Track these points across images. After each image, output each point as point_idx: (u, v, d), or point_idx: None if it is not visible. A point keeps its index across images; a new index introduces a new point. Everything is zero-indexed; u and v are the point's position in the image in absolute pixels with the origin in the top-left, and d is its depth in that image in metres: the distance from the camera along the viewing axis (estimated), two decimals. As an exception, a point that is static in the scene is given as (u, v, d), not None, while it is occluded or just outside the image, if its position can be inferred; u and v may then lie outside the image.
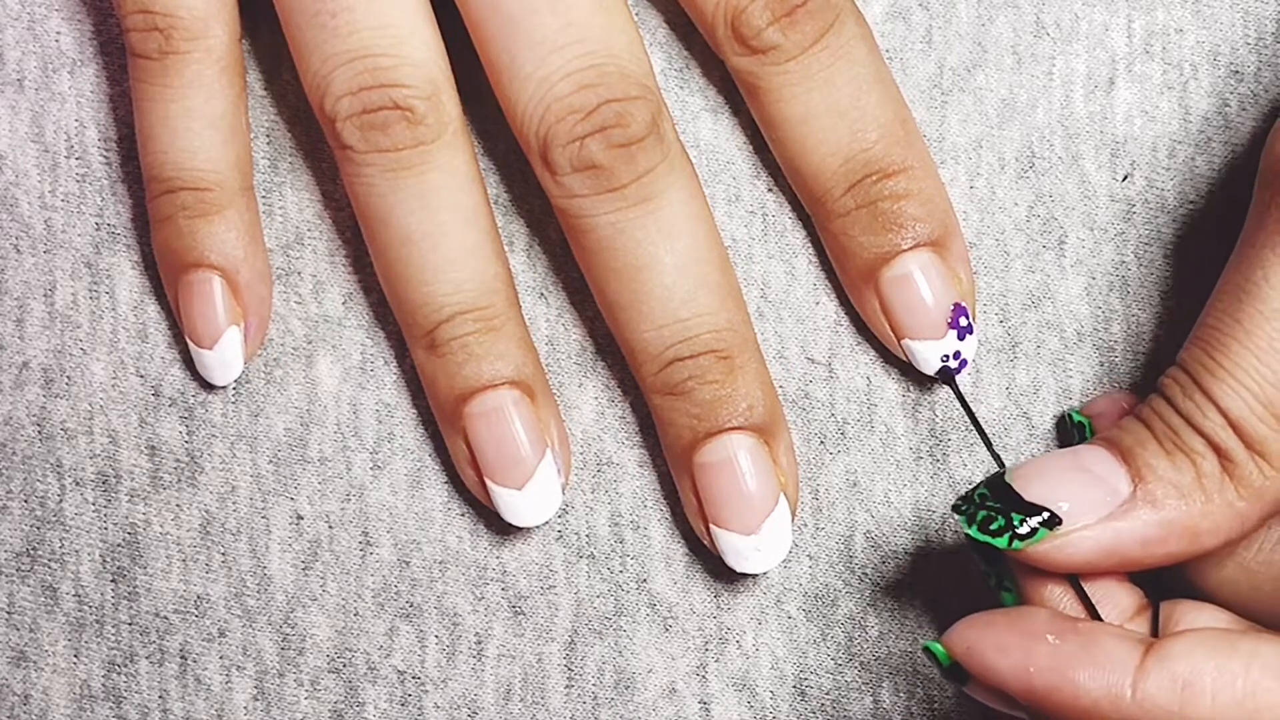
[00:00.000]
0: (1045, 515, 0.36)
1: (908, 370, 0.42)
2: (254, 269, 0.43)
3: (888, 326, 0.41)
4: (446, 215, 0.40)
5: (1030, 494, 0.37)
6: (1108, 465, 0.37)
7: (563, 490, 0.42)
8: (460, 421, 0.41)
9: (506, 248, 0.43)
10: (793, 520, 0.41)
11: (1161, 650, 0.34)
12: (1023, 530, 0.36)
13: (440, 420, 0.42)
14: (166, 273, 0.43)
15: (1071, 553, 0.36)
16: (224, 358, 0.43)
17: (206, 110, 0.41)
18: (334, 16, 0.40)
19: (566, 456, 0.42)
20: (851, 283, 0.42)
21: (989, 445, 0.39)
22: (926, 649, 0.36)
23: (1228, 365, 0.36)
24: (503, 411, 0.41)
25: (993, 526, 0.36)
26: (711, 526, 0.41)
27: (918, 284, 0.41)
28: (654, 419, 0.42)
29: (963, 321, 0.41)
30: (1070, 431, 0.42)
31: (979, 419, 0.41)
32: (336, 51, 0.40)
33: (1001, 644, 0.35)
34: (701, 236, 0.40)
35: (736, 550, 0.41)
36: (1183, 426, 0.36)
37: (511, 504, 0.41)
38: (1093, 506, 0.36)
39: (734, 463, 0.41)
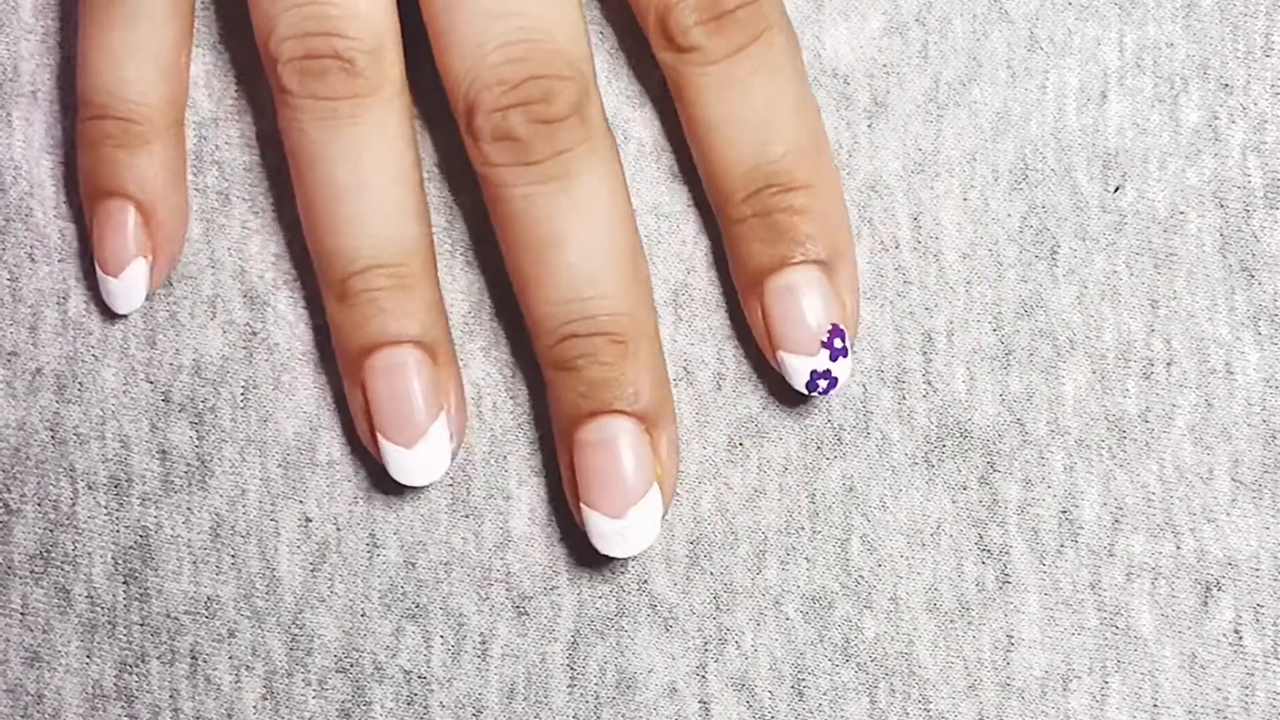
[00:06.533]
0: None
1: (903, 379, 0.43)
2: (170, 206, 0.42)
3: (766, 336, 0.41)
4: (372, 170, 0.40)
5: None
6: None
7: (453, 455, 0.42)
8: (360, 373, 0.41)
9: (449, 215, 0.43)
10: (664, 514, 0.41)
11: None
12: None
13: (342, 369, 0.42)
14: (85, 197, 0.43)
15: None
16: (127, 287, 0.42)
17: (148, 43, 0.41)
18: None
19: (461, 423, 0.42)
20: (740, 288, 0.42)
21: None
22: None
23: None
24: (403, 369, 0.41)
25: None
26: (582, 505, 0.41)
27: (798, 298, 0.40)
28: (547, 392, 0.42)
29: (838, 343, 0.40)
30: None
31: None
32: None
33: None
34: (614, 222, 0.40)
35: (602, 531, 0.41)
36: None
37: (399, 461, 0.41)
38: None
39: (612, 445, 0.40)
